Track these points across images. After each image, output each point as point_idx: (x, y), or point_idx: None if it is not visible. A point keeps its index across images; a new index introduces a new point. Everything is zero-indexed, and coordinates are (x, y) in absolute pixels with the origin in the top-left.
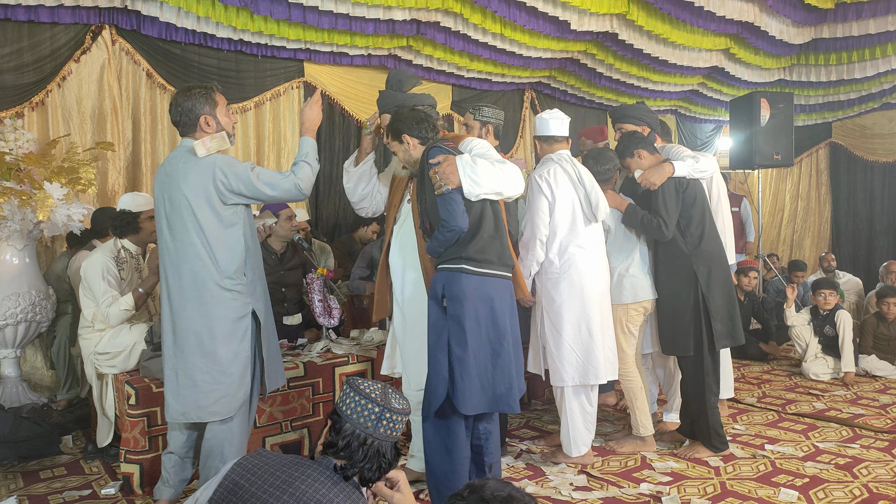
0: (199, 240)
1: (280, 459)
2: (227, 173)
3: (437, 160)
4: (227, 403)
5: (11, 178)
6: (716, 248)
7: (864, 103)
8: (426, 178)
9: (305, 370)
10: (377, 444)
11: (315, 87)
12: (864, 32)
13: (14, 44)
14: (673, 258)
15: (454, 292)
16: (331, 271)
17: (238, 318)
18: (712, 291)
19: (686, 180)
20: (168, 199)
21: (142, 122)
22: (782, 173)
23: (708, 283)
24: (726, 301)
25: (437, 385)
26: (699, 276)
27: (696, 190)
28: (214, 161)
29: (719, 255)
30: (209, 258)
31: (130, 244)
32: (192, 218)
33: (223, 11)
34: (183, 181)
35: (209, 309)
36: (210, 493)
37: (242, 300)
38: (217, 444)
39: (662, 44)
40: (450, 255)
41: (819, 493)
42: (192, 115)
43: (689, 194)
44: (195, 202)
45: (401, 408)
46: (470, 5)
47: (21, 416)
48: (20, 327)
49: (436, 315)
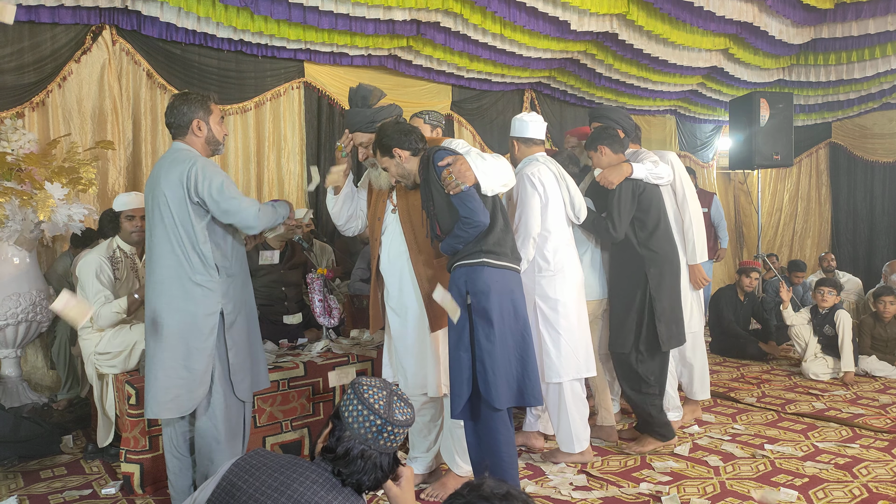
0: (174, 235)
1: (278, 460)
2: (200, 175)
3: (446, 161)
4: (186, 400)
5: (12, 179)
6: (669, 251)
7: (864, 103)
8: (432, 183)
9: (305, 370)
10: (375, 456)
11: (315, 86)
12: (864, 32)
13: (15, 44)
14: (626, 258)
15: (479, 286)
16: (331, 271)
17: (206, 314)
18: (661, 293)
19: (643, 184)
20: (152, 197)
21: (142, 122)
22: (782, 173)
23: (658, 285)
24: (673, 304)
25: (460, 385)
26: (649, 277)
27: (652, 194)
28: (195, 160)
29: (672, 258)
30: (182, 253)
31: (124, 244)
32: (168, 214)
33: (223, 12)
34: (164, 179)
35: (179, 304)
36: (208, 494)
37: (213, 297)
38: (204, 442)
39: (662, 44)
40: (468, 250)
41: (819, 493)
42: (186, 119)
43: (646, 198)
44: (171, 198)
45: (404, 419)
46: (470, 6)
47: (21, 415)
48: (21, 327)
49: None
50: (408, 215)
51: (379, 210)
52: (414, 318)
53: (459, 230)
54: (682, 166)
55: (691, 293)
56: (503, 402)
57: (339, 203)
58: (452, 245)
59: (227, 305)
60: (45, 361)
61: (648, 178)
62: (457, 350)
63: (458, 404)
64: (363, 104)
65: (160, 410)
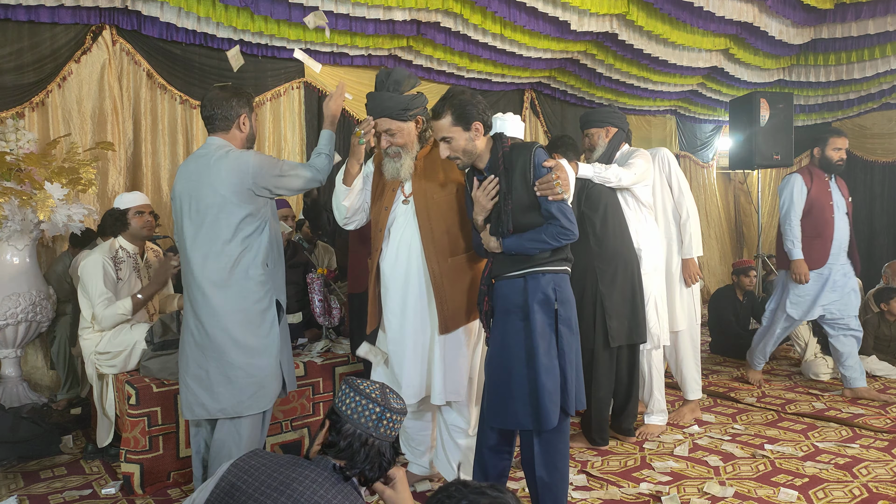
0: (227, 232)
1: (277, 460)
2: (257, 167)
3: (550, 164)
4: (263, 395)
5: (12, 179)
6: (623, 248)
7: (864, 103)
8: (522, 177)
9: (305, 370)
10: (378, 444)
11: (315, 87)
12: (864, 33)
13: (14, 44)
14: (580, 257)
15: (566, 295)
16: (331, 271)
17: (264, 308)
18: (612, 289)
19: (591, 183)
20: (194, 195)
21: (142, 122)
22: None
23: (611, 281)
24: (627, 300)
25: (552, 393)
26: (599, 273)
27: (600, 192)
28: (247, 156)
29: (627, 255)
30: (237, 250)
31: (127, 244)
32: (220, 211)
33: (224, 12)
34: (214, 176)
35: (237, 302)
36: (206, 495)
37: (266, 289)
38: (224, 445)
39: (662, 44)
40: (554, 257)
41: (819, 493)
42: (235, 112)
43: (594, 195)
44: (225, 195)
45: (399, 407)
46: (470, 6)
47: (21, 415)
48: (20, 327)
49: (543, 321)
50: (425, 206)
51: (387, 199)
52: (415, 318)
53: (550, 237)
54: (675, 162)
55: (681, 290)
56: (573, 409)
57: (351, 196)
58: (524, 248)
59: (280, 294)
60: (44, 361)
61: (595, 179)
62: (548, 358)
63: (555, 412)
64: (394, 89)
65: (241, 409)
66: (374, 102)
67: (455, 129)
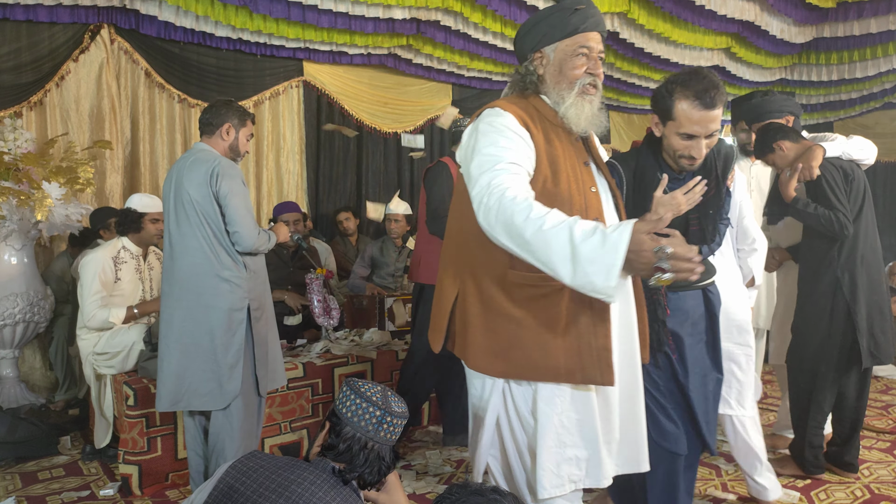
0: (201, 232)
1: (276, 461)
2: (222, 173)
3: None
4: (219, 394)
5: (10, 178)
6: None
7: (866, 103)
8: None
9: (305, 371)
10: (378, 447)
11: (314, 85)
12: (866, 32)
13: (12, 43)
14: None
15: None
16: (330, 272)
17: (233, 309)
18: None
19: (850, 165)
20: (175, 195)
21: (140, 121)
22: None
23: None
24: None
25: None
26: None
27: (858, 176)
28: (219, 159)
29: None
30: (209, 250)
31: (132, 245)
32: (193, 212)
33: (222, 10)
34: (188, 177)
35: (205, 300)
36: (205, 496)
37: (240, 293)
38: (219, 439)
39: (664, 43)
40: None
41: (820, 494)
42: (220, 119)
43: (856, 182)
44: (196, 196)
45: (400, 411)
46: (470, 4)
47: (19, 416)
48: (18, 328)
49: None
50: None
51: (585, 175)
52: (631, 361)
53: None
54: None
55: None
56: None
57: None
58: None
59: (254, 301)
60: (42, 362)
61: (847, 154)
62: (714, 376)
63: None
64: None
65: (195, 402)
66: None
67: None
